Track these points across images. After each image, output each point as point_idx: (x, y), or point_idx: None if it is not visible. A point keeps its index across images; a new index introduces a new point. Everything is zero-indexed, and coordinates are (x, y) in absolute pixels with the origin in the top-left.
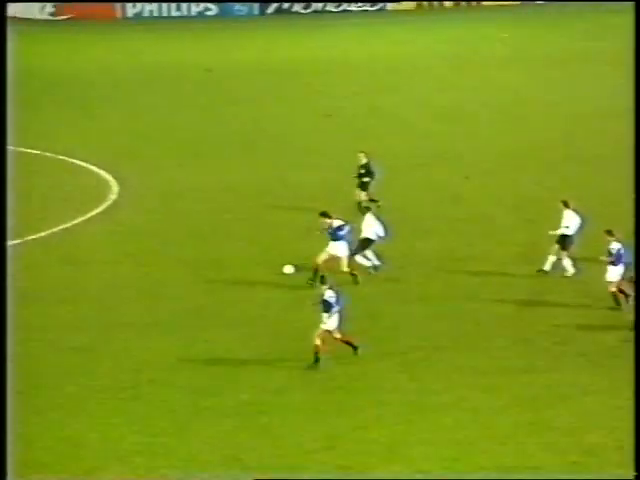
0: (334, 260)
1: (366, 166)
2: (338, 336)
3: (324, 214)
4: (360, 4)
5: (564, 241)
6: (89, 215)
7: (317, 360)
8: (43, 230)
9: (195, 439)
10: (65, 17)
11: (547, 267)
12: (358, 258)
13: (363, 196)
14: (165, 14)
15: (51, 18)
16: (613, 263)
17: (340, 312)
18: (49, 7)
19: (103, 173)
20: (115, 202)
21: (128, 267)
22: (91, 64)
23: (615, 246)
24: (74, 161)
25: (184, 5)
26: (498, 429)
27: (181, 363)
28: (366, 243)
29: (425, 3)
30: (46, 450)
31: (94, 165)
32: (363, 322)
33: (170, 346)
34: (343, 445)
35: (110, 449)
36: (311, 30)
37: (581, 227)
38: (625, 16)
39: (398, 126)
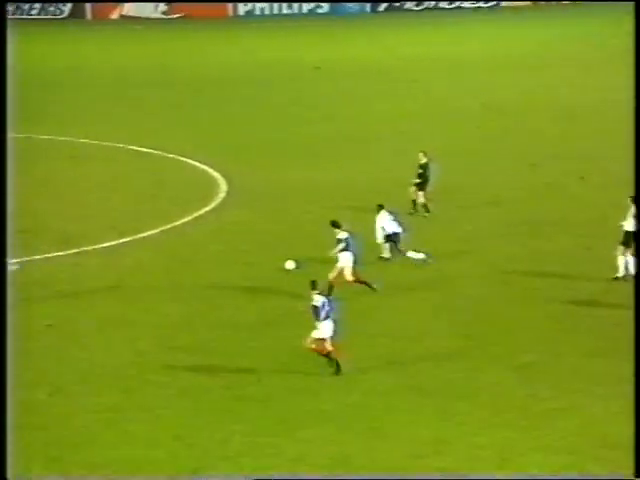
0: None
1: (424, 166)
2: (329, 347)
3: (334, 224)
4: (473, 1)
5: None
6: (197, 214)
7: (338, 368)
8: (152, 229)
9: (303, 440)
10: (177, 15)
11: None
12: (409, 254)
13: (420, 196)
14: (276, 12)
15: (164, 17)
16: None
17: (334, 320)
18: (162, 6)
19: (212, 171)
20: (224, 201)
21: (237, 266)
22: (204, 62)
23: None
24: (183, 159)
25: (295, 3)
26: (611, 437)
27: (290, 363)
28: (396, 237)
29: (542, 2)
30: (155, 448)
31: (203, 163)
32: (475, 325)
33: (279, 346)
34: (452, 450)
35: (217, 448)
36: (423, 27)
37: None
38: None
39: (514, 124)
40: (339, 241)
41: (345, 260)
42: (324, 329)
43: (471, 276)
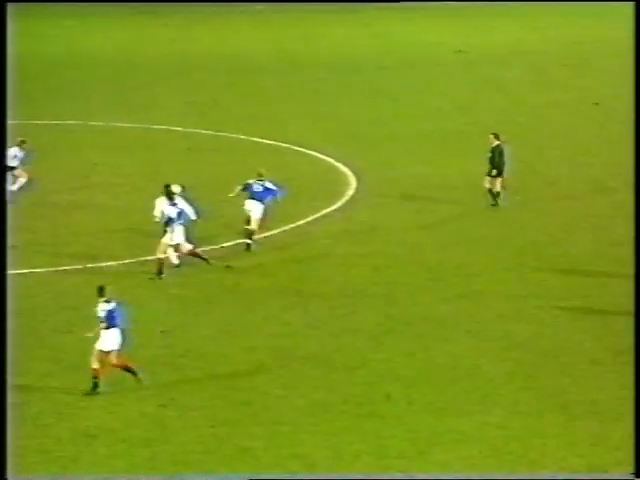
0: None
1: (495, 150)
2: (114, 361)
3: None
4: None
5: None
6: (323, 212)
7: (95, 386)
8: (273, 228)
9: (438, 463)
10: None
11: None
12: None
13: (498, 184)
14: None
15: None
16: None
17: (121, 329)
18: None
19: (340, 166)
20: (352, 198)
21: (363, 270)
22: (330, 47)
23: None
24: (308, 152)
25: None
26: None
27: (421, 377)
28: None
29: None
30: (272, 466)
31: (330, 157)
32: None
33: (407, 358)
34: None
35: (342, 469)
36: (580, 11)
37: None
38: None
39: None
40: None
41: (176, 235)
42: (111, 340)
43: None
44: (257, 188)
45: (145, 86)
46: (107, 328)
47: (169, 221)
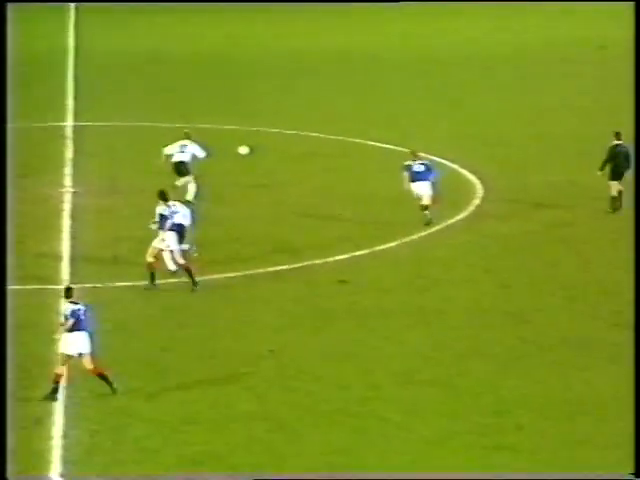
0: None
1: (614, 150)
2: (89, 366)
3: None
4: None
5: None
6: (446, 224)
7: (54, 391)
8: (391, 240)
9: None
10: None
11: None
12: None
13: (614, 188)
14: None
15: None
16: None
17: (90, 332)
18: None
19: (465, 172)
20: (478, 207)
21: (491, 286)
22: (460, 43)
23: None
24: (433, 158)
25: None
26: None
27: (555, 408)
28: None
29: None
30: None
31: (454, 162)
32: None
33: (540, 385)
34: None
35: None
36: None
37: None
38: None
39: None
40: (161, 217)
41: (170, 240)
42: (77, 343)
43: None
44: (418, 168)
45: (253, 87)
46: (72, 330)
47: (161, 224)
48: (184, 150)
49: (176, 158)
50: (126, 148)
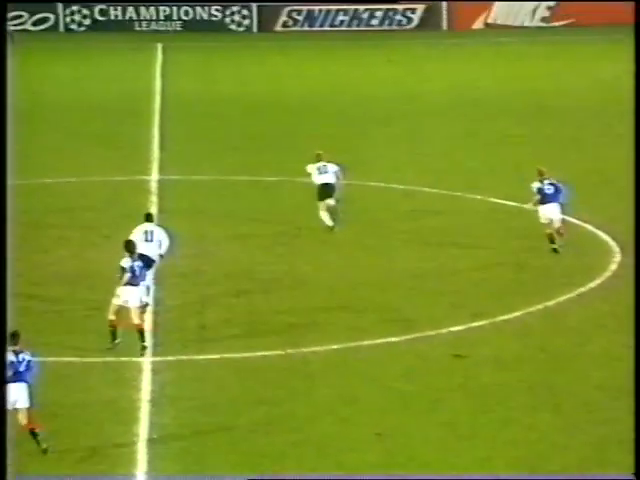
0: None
1: None
2: (23, 421)
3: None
4: None
5: None
6: (579, 291)
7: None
8: (515, 310)
9: None
10: (562, 23)
11: None
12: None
13: None
14: None
15: (543, 25)
16: None
17: (29, 384)
18: (543, 9)
19: (600, 233)
20: (615, 274)
21: (630, 364)
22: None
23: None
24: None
25: None
26: None
27: None
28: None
29: None
30: None
31: (588, 223)
32: None
33: None
34: None
35: None
36: None
37: None
38: None
39: None
40: (123, 270)
41: (127, 296)
42: (16, 395)
43: None
44: (549, 189)
45: (360, 134)
46: (14, 381)
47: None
48: (326, 171)
49: (320, 180)
50: (214, 204)
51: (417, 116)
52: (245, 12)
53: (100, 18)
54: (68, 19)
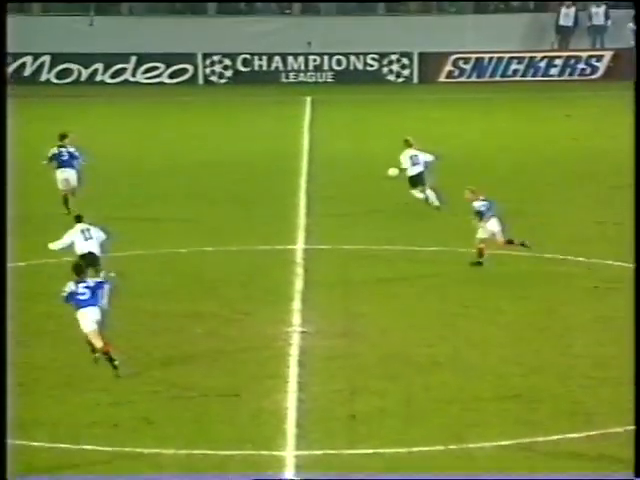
0: None
1: None
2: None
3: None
4: None
5: None
6: None
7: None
8: None
9: None
10: None
11: None
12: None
13: None
14: None
15: None
16: None
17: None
18: None
19: None
20: None
21: None
22: None
23: None
24: None
25: None
26: None
27: None
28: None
29: None
30: None
31: None
32: None
33: None
34: None
35: None
36: None
37: None
38: None
39: None
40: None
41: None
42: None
43: None
44: (484, 207)
45: (534, 199)
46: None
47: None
48: (417, 162)
49: (411, 172)
50: (366, 277)
51: (601, 178)
52: (405, 61)
53: (243, 69)
54: (208, 70)
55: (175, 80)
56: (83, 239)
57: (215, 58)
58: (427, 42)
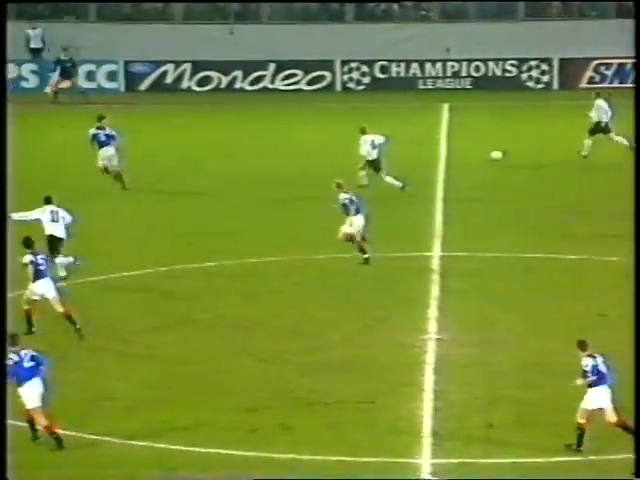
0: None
1: None
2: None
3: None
4: None
5: None
6: None
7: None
8: None
9: None
10: None
11: None
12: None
13: None
14: None
15: None
16: None
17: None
18: None
19: None
20: None
21: None
22: None
23: None
24: None
25: None
26: None
27: None
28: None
29: None
30: None
31: None
32: None
33: None
34: None
35: None
36: None
37: None
38: None
39: None
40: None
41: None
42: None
43: None
44: (352, 202)
45: None
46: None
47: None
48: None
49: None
50: (504, 285)
51: None
52: (544, 67)
53: (381, 76)
54: (346, 77)
55: (313, 87)
56: (50, 219)
57: (353, 65)
58: (568, 47)
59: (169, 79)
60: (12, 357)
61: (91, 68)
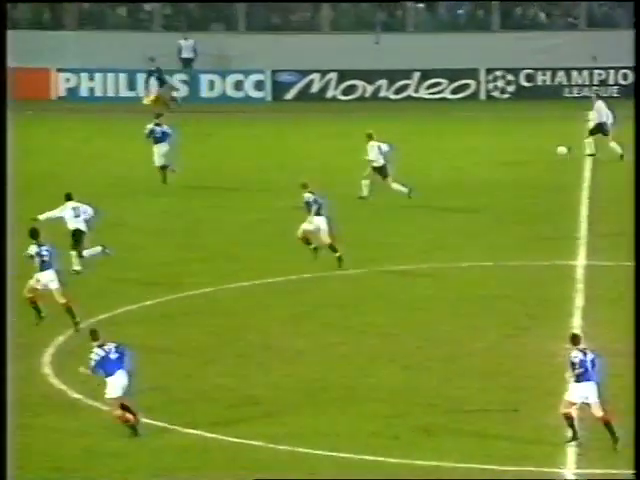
0: None
1: None
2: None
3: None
4: None
5: None
6: None
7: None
8: None
9: None
10: None
11: None
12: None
13: None
14: None
15: None
16: None
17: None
18: None
19: None
20: None
21: None
22: None
23: None
24: None
25: None
26: None
27: None
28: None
29: None
30: None
31: None
32: None
33: None
34: None
35: None
36: None
37: None
38: None
39: None
40: (32, 258)
41: (45, 279)
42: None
43: None
44: (315, 202)
45: None
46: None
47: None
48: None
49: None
50: None
51: None
52: None
53: (526, 84)
54: (490, 86)
55: (457, 95)
56: (73, 215)
57: (498, 73)
58: None
59: (315, 88)
60: (98, 352)
61: (239, 78)
